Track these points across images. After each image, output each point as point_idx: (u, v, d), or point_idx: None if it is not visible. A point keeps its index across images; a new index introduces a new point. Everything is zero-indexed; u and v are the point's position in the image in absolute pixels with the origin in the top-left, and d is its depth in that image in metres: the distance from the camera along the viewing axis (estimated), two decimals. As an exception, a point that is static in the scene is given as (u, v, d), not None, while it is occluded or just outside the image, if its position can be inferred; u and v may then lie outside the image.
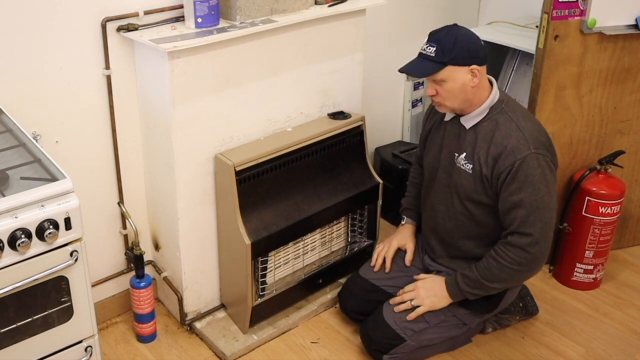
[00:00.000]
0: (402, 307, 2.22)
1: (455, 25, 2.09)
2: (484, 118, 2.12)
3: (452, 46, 2.02)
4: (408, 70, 2.11)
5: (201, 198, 2.30)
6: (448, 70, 2.03)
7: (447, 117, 2.23)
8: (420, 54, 2.09)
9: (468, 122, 2.15)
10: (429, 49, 2.05)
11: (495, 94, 2.12)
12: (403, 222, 2.51)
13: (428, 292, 2.21)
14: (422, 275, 2.30)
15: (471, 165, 2.12)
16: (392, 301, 2.26)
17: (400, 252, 2.46)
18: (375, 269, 2.41)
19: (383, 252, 2.43)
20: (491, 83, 2.15)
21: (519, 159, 2.02)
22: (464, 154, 2.15)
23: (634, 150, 2.77)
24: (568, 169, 2.69)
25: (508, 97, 2.18)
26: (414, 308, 2.21)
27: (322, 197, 2.46)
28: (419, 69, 2.07)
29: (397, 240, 2.45)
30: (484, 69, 2.09)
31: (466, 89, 2.06)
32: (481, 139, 2.11)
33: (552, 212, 2.07)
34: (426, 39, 2.08)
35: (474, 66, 2.04)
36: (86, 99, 2.15)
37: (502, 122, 2.09)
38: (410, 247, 2.42)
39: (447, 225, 2.27)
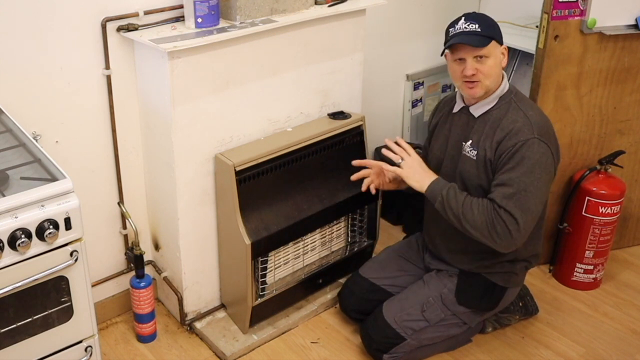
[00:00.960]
0: (389, 152, 2.21)
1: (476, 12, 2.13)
2: (493, 107, 2.13)
3: (492, 24, 2.07)
4: (463, 40, 2.04)
5: (201, 198, 2.30)
6: (492, 45, 2.05)
7: (456, 109, 2.23)
8: (462, 32, 2.05)
9: (477, 110, 2.15)
10: (472, 26, 2.04)
11: (505, 84, 2.14)
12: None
13: (414, 166, 2.17)
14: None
15: (475, 152, 2.13)
16: (387, 141, 2.23)
17: (401, 252, 2.47)
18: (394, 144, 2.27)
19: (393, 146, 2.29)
20: (502, 75, 2.16)
21: (522, 140, 2.03)
22: (470, 141, 2.15)
23: (634, 150, 2.77)
24: (568, 169, 2.69)
25: (516, 89, 2.19)
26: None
27: (322, 197, 2.46)
28: (474, 40, 2.03)
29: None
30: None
31: (500, 67, 2.10)
32: (489, 127, 2.11)
33: (538, 200, 2.03)
34: (462, 19, 2.07)
35: (505, 46, 2.10)
36: (86, 99, 2.15)
37: (511, 111, 2.10)
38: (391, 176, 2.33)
39: None
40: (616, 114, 2.69)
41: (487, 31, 2.04)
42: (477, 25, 2.04)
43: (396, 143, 2.24)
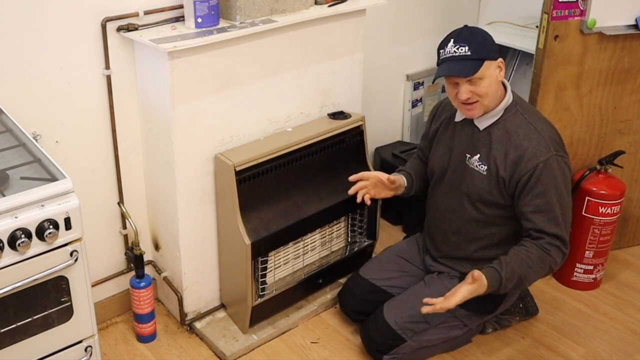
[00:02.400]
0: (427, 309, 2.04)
1: (466, 25, 2.09)
2: (498, 119, 2.11)
3: (483, 42, 2.01)
4: (450, 72, 2.01)
5: (201, 198, 2.30)
6: (486, 65, 2.00)
7: (458, 118, 2.21)
8: (449, 58, 2.01)
9: (482, 123, 2.13)
10: (461, 49, 1.99)
11: (509, 96, 2.11)
12: (395, 174, 2.36)
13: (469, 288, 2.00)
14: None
15: (486, 167, 2.11)
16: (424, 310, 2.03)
17: (402, 253, 2.47)
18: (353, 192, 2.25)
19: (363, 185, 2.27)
20: (504, 85, 2.13)
21: (542, 161, 2.02)
22: (478, 155, 2.13)
23: (634, 150, 2.77)
24: (568, 169, 2.69)
25: (521, 98, 2.17)
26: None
27: (322, 197, 2.46)
28: (464, 68, 1.99)
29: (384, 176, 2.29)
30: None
31: (497, 84, 2.06)
32: (496, 141, 2.10)
33: (570, 212, 2.10)
34: (450, 42, 2.01)
35: (500, 59, 2.05)
36: (86, 99, 2.15)
37: (519, 124, 2.08)
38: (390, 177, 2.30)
39: (454, 226, 2.26)
40: (616, 114, 2.68)
41: (477, 53, 1.99)
42: (466, 48, 1.99)
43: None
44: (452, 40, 2.02)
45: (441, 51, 2.06)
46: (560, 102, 2.58)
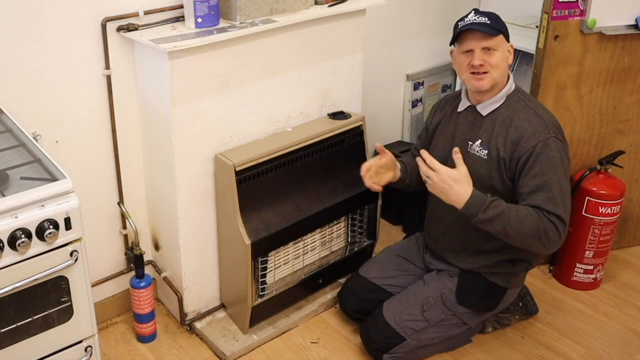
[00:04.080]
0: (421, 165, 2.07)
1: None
2: (501, 105, 2.14)
3: (500, 20, 2.10)
4: (472, 27, 2.05)
5: (201, 198, 2.30)
6: (500, 38, 2.07)
7: (461, 107, 2.23)
8: (472, 23, 2.07)
9: (485, 109, 2.16)
10: (481, 19, 2.07)
11: (512, 84, 2.16)
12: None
13: (442, 184, 2.02)
14: (459, 160, 2.06)
15: (486, 151, 2.12)
16: (421, 156, 2.07)
17: (402, 252, 2.47)
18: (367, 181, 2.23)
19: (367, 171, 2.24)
20: (507, 74, 2.17)
21: (541, 141, 2.03)
22: (479, 140, 2.15)
23: (634, 150, 2.77)
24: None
25: (522, 89, 2.20)
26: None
27: (322, 197, 2.46)
28: (485, 28, 2.05)
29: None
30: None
31: (507, 64, 2.12)
32: (499, 125, 2.12)
33: (569, 196, 2.07)
34: (471, 13, 2.10)
35: (511, 44, 2.12)
36: (86, 99, 2.15)
37: (521, 109, 2.11)
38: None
39: (453, 215, 2.23)
40: (616, 114, 2.69)
41: (496, 25, 2.07)
42: (486, 19, 2.07)
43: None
44: (473, 12, 2.11)
45: (460, 22, 2.11)
46: (560, 102, 2.58)
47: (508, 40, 2.12)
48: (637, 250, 2.97)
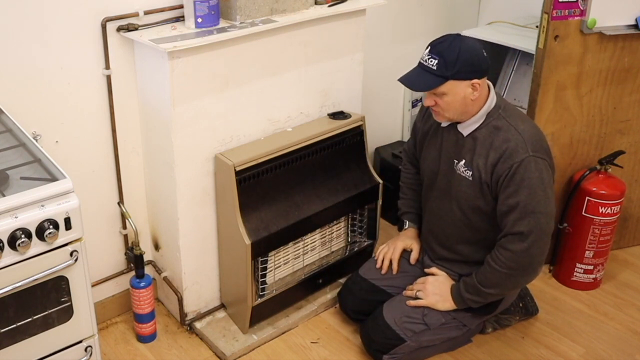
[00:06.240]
0: (407, 293, 2.26)
1: (458, 35, 2.05)
2: (481, 125, 2.11)
3: (454, 60, 1.97)
4: (408, 82, 2.07)
5: (201, 198, 2.30)
6: (449, 84, 2.00)
7: (444, 124, 2.21)
8: (420, 64, 2.04)
9: (465, 129, 2.13)
10: (431, 62, 2.00)
11: (492, 100, 2.10)
12: (406, 227, 2.49)
13: (435, 290, 2.22)
14: (435, 270, 2.30)
15: (471, 172, 2.12)
16: (404, 293, 2.29)
17: (403, 252, 2.47)
18: (383, 271, 2.40)
19: (389, 254, 2.41)
20: (488, 88, 2.12)
21: (517, 161, 2.01)
22: (463, 160, 2.14)
23: (634, 150, 2.77)
24: (568, 169, 2.69)
25: (505, 101, 2.16)
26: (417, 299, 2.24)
27: (322, 197, 2.46)
28: (420, 82, 2.03)
29: (402, 241, 2.44)
30: (484, 80, 2.06)
31: (466, 101, 2.04)
32: (480, 146, 2.10)
33: (548, 217, 2.04)
34: (427, 49, 2.03)
35: (475, 80, 2.01)
36: (86, 99, 2.15)
37: (500, 127, 2.07)
38: (415, 248, 2.42)
39: (446, 230, 2.27)
40: (616, 114, 2.68)
41: (443, 71, 1.98)
42: (435, 62, 1.98)
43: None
44: (429, 48, 2.03)
45: (422, 53, 2.06)
46: (560, 102, 2.58)
47: (469, 78, 1.99)
48: (637, 250, 2.96)
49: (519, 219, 2.02)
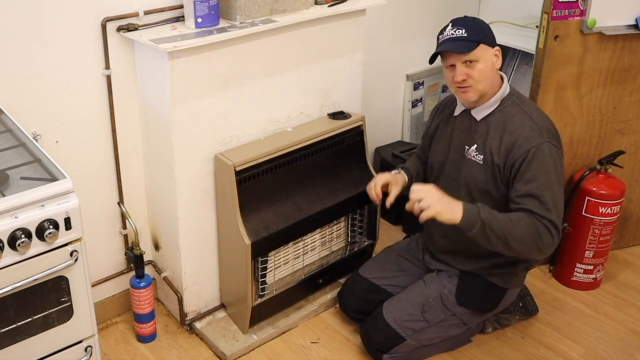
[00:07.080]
0: (408, 207, 2.07)
1: (466, 15, 2.13)
2: (495, 109, 2.13)
3: (480, 27, 2.07)
4: (447, 48, 2.06)
5: (201, 198, 2.30)
6: (482, 48, 2.05)
7: (457, 112, 2.23)
8: (449, 38, 2.07)
9: (479, 113, 2.15)
10: (458, 32, 2.05)
11: (506, 87, 2.14)
12: (397, 171, 2.40)
13: (442, 199, 2.04)
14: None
15: (482, 156, 2.12)
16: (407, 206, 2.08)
17: (402, 252, 2.47)
18: (378, 201, 2.30)
19: (372, 192, 2.30)
20: (501, 77, 2.16)
21: (534, 146, 2.02)
22: (475, 145, 2.15)
23: (634, 150, 2.77)
24: (568, 169, 2.69)
25: (517, 91, 2.19)
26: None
27: (322, 197, 2.46)
28: (458, 46, 2.04)
29: (382, 178, 2.32)
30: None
31: (494, 70, 2.09)
32: (493, 130, 2.11)
33: (562, 202, 2.07)
34: (449, 25, 2.08)
35: (497, 48, 2.09)
36: (86, 99, 2.15)
37: (515, 114, 2.10)
38: (394, 191, 2.29)
39: None
40: (616, 114, 2.69)
41: (474, 36, 2.04)
42: (463, 31, 2.04)
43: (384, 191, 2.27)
44: (450, 24, 2.09)
45: (440, 36, 2.11)
46: (560, 102, 2.58)
47: (493, 45, 2.08)
48: (637, 250, 2.97)
49: (546, 203, 2.00)
